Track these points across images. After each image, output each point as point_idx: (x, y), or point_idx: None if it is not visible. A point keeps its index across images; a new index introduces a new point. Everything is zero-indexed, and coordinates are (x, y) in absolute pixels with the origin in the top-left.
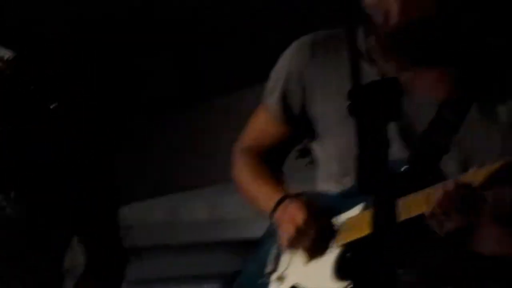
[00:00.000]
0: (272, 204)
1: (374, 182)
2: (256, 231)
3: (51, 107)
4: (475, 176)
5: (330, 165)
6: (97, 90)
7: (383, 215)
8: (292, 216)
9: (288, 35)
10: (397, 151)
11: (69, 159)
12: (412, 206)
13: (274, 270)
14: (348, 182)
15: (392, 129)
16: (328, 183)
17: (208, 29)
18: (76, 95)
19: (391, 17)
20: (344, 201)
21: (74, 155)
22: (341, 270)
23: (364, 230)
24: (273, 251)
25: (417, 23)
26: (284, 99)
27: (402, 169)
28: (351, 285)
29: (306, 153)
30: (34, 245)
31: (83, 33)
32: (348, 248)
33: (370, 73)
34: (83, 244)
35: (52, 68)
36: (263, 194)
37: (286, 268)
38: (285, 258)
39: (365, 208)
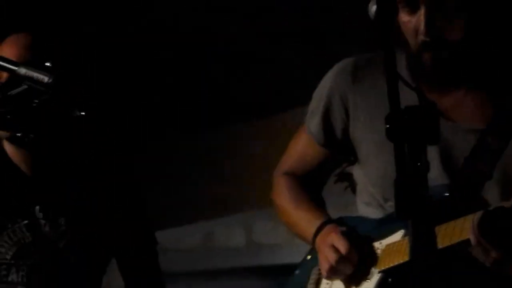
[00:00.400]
0: (313, 230)
1: (413, 208)
2: (291, 256)
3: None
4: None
5: (372, 189)
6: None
7: (422, 242)
8: (333, 244)
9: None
10: (437, 176)
11: (110, 184)
12: (455, 233)
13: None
14: (391, 207)
15: (432, 154)
16: (370, 207)
17: (240, 56)
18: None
19: (419, 33)
20: (385, 227)
21: (115, 180)
22: None
23: (405, 256)
24: (313, 276)
25: (444, 41)
26: (326, 121)
27: (445, 195)
28: None
29: (345, 177)
30: (73, 267)
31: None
32: (389, 274)
33: (409, 98)
34: (120, 267)
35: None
36: (304, 220)
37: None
38: (325, 284)
39: (405, 234)
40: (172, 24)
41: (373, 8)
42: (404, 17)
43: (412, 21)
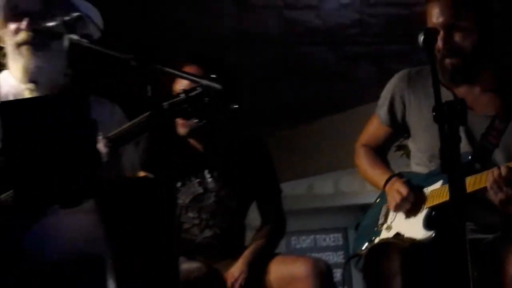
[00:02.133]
0: (383, 181)
1: (451, 165)
2: (365, 199)
3: None
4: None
5: (421, 154)
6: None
7: (457, 188)
8: (398, 189)
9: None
10: (464, 146)
11: None
12: (477, 182)
13: (384, 222)
14: (433, 166)
15: (462, 132)
16: (419, 166)
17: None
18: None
19: (441, 47)
20: (429, 179)
21: None
22: (429, 223)
23: (444, 198)
24: (383, 211)
25: (457, 51)
26: (391, 110)
27: (469, 158)
28: (434, 234)
29: (401, 147)
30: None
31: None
32: (433, 209)
33: (446, 95)
34: None
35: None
36: (377, 174)
37: (392, 222)
38: (391, 215)
39: (443, 183)
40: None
41: (421, 38)
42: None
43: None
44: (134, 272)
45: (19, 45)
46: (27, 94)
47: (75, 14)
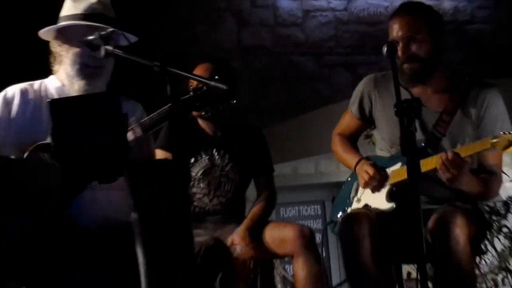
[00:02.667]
0: (354, 163)
1: (409, 150)
2: (340, 177)
3: None
4: (460, 150)
5: (383, 142)
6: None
7: (413, 168)
8: (366, 169)
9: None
10: (419, 135)
11: None
12: (429, 164)
13: (355, 196)
14: (393, 151)
15: (417, 124)
16: (382, 151)
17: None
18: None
19: (401, 55)
20: (391, 161)
21: None
22: (390, 197)
23: (403, 176)
24: (354, 187)
25: (414, 57)
26: (360, 106)
27: (422, 145)
28: (395, 206)
29: (368, 136)
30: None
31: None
32: (394, 185)
33: (405, 94)
34: None
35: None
36: (349, 158)
37: (361, 195)
38: (361, 190)
39: (402, 165)
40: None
41: (385, 49)
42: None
43: (399, 48)
44: (157, 237)
45: (80, 69)
46: (72, 94)
47: (110, 29)
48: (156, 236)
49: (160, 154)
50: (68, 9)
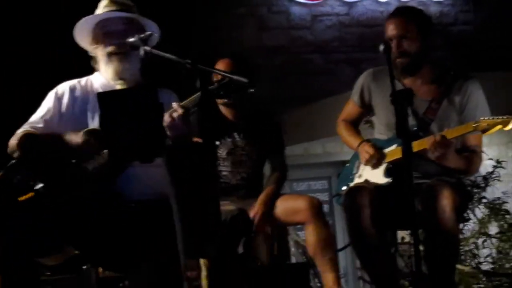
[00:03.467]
0: (356, 144)
1: (403, 133)
2: (345, 156)
3: None
4: (447, 133)
5: (381, 126)
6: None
7: (406, 149)
8: (367, 150)
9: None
10: (411, 120)
11: None
12: (420, 145)
13: (357, 172)
14: (390, 134)
15: (409, 111)
16: (380, 135)
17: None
18: None
19: (394, 50)
20: (388, 143)
21: None
22: (387, 173)
23: (398, 155)
24: (356, 164)
25: (406, 52)
26: (361, 96)
27: (414, 129)
28: (391, 180)
29: (369, 121)
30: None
31: None
32: (390, 163)
33: (399, 85)
34: None
35: None
36: (352, 140)
37: (363, 172)
38: (362, 168)
39: (398, 146)
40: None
41: (381, 47)
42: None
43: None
44: (190, 207)
45: (110, 54)
46: (117, 88)
47: (148, 32)
48: (189, 206)
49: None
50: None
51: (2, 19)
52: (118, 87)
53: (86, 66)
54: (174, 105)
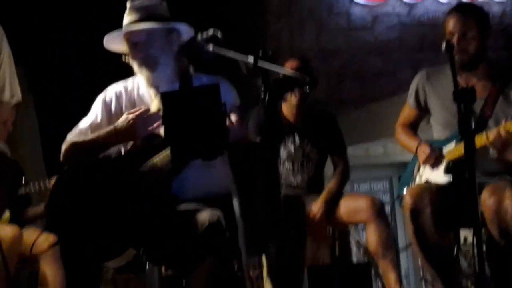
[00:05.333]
0: (415, 147)
1: (466, 131)
2: (406, 158)
3: None
4: (509, 126)
5: (438, 126)
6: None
7: (468, 145)
8: (424, 150)
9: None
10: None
11: None
12: (482, 140)
13: (417, 173)
14: (447, 133)
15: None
16: (437, 134)
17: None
18: None
19: (455, 48)
20: (446, 142)
21: None
22: (447, 171)
23: (458, 153)
24: (416, 166)
25: (465, 51)
26: (416, 98)
27: (473, 125)
28: (451, 178)
29: (429, 120)
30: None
31: None
32: (450, 161)
33: (461, 83)
34: None
35: None
36: (411, 143)
37: (423, 172)
38: (422, 168)
39: (456, 144)
40: None
41: (443, 45)
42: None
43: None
44: (253, 207)
45: (139, 65)
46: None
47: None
48: (251, 204)
49: None
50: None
51: (51, 20)
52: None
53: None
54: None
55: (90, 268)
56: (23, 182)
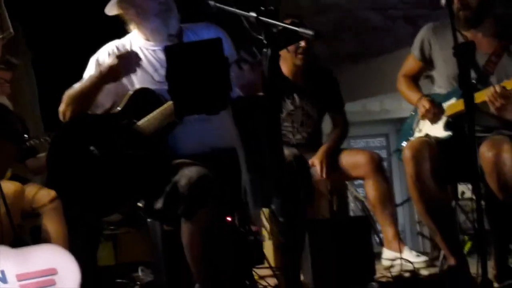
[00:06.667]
0: (415, 99)
1: (466, 86)
2: (403, 114)
3: None
4: (507, 83)
5: (441, 79)
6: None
7: (468, 100)
8: (423, 104)
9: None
10: (471, 73)
11: None
12: (481, 96)
13: (416, 127)
14: (449, 87)
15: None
16: (440, 89)
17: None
18: None
19: (456, 3)
20: (447, 97)
21: None
22: (447, 126)
23: (458, 108)
24: (416, 120)
25: (467, 5)
26: (421, 49)
27: (473, 81)
28: (451, 133)
29: (428, 76)
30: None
31: None
32: (450, 117)
33: (460, 38)
34: None
35: None
36: (412, 94)
37: (423, 126)
38: (422, 123)
39: (457, 99)
40: None
41: (443, 0)
42: None
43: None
44: (259, 161)
45: (157, 13)
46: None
47: None
48: (256, 155)
49: None
50: None
51: None
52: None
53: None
54: (243, 54)
55: (91, 222)
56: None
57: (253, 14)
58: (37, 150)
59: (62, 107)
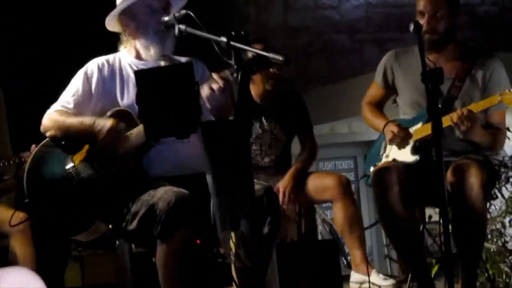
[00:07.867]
0: (382, 125)
1: (433, 111)
2: (372, 136)
3: None
4: (472, 106)
5: (405, 106)
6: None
7: (436, 125)
8: (391, 129)
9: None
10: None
11: None
12: (447, 121)
13: (384, 152)
14: (414, 113)
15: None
16: (404, 115)
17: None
18: None
19: (424, 26)
20: (413, 121)
21: None
22: (415, 150)
23: (425, 132)
24: (383, 145)
25: (435, 30)
26: (384, 77)
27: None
28: (419, 157)
29: (395, 101)
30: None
31: None
32: (417, 141)
33: (430, 65)
34: None
35: None
36: (378, 122)
37: (390, 152)
38: (389, 147)
39: (423, 123)
40: None
41: (411, 26)
42: (420, 20)
43: (422, 21)
44: (228, 185)
45: (157, 31)
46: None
47: (183, 11)
48: (224, 182)
49: None
50: None
51: None
52: (149, 65)
53: (112, 43)
54: (214, 76)
55: (58, 243)
56: None
57: (223, 39)
58: (3, 172)
59: (47, 125)
